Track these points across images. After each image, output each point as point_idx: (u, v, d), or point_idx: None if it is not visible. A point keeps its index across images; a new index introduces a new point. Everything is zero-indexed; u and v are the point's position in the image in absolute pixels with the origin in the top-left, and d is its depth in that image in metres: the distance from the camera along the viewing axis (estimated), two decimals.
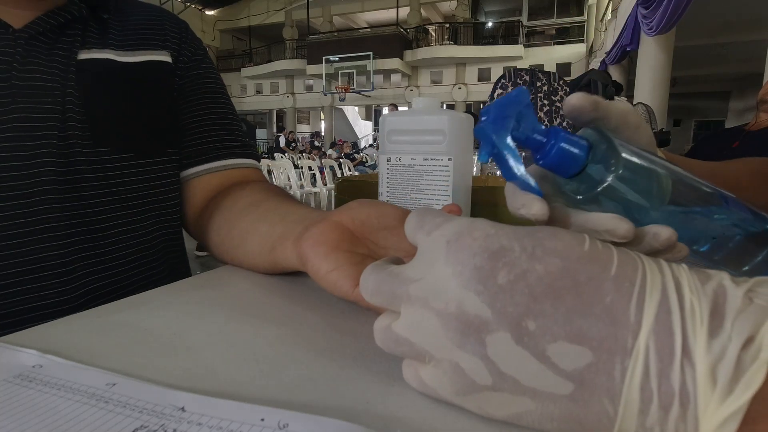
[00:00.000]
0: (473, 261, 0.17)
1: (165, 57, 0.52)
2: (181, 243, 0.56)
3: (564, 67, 13.56)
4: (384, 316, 0.21)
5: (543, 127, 0.24)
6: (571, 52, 14.46)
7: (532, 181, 0.23)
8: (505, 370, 0.16)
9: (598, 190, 0.22)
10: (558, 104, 1.69)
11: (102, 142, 0.45)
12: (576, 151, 0.23)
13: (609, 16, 8.53)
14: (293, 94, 17.51)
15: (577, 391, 0.15)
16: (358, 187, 0.60)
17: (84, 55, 0.46)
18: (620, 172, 0.22)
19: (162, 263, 0.51)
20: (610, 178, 0.22)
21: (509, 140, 0.23)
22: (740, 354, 0.13)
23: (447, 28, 15.88)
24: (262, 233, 0.39)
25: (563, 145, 0.23)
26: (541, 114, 1.68)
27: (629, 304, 0.15)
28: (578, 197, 0.23)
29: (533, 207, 0.23)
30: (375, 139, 11.06)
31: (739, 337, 0.13)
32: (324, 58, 15.13)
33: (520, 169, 0.23)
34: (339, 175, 5.70)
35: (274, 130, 18.01)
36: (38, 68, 0.43)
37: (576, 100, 0.23)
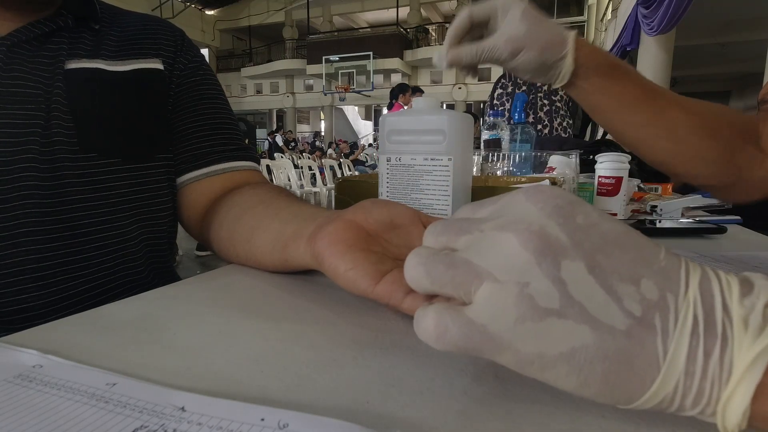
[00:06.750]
0: (555, 201, 0.19)
1: (157, 65, 0.52)
2: (168, 247, 0.56)
3: None
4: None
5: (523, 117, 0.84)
6: None
7: None
8: (575, 295, 0.17)
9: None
10: (558, 104, 1.69)
11: (88, 148, 0.45)
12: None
13: (609, 16, 8.53)
14: (293, 93, 17.49)
15: (635, 328, 0.17)
16: (358, 187, 0.60)
17: (73, 65, 0.47)
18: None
19: (146, 267, 0.51)
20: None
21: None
22: (765, 309, 0.16)
23: (447, 28, 15.83)
24: (274, 231, 0.39)
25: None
26: (542, 114, 1.68)
27: (680, 270, 0.18)
28: None
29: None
30: (375, 139, 11.05)
31: (764, 298, 0.17)
32: (324, 57, 15.12)
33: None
34: (339, 175, 5.70)
35: (274, 129, 18.03)
36: (22, 75, 0.44)
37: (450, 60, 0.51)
